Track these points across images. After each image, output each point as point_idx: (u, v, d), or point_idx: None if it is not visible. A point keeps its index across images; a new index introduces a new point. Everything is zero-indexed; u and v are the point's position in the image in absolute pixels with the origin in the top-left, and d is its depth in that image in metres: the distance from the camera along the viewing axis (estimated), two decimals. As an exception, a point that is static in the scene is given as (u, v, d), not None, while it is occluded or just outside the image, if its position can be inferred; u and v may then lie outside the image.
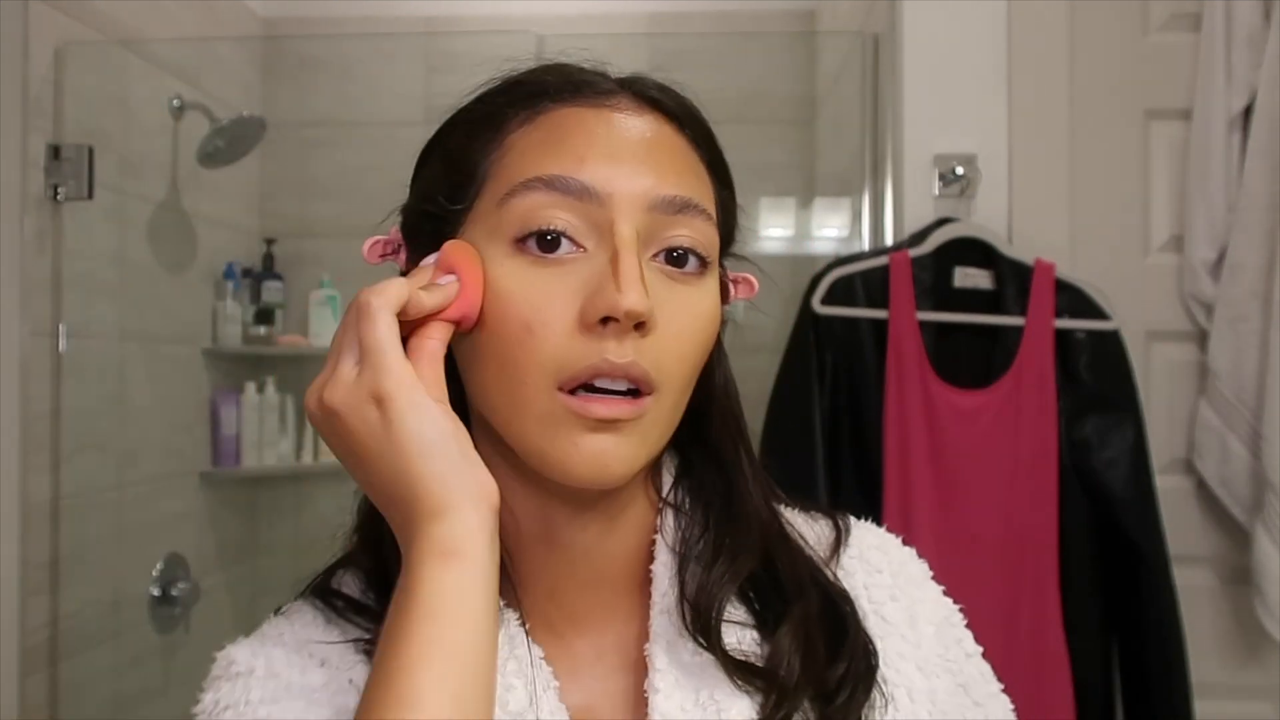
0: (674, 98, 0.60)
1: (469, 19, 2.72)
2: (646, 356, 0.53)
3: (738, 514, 0.62)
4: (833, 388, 1.49)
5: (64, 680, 1.85)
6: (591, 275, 0.53)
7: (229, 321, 2.46)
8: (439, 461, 0.50)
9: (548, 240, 0.54)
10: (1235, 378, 1.54)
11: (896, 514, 1.44)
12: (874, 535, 0.68)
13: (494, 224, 0.55)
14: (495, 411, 0.56)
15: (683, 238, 0.56)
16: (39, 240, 1.78)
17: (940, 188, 1.58)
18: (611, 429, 0.53)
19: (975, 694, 0.63)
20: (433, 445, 0.50)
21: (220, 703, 0.57)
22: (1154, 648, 1.46)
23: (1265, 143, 1.52)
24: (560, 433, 0.53)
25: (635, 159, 0.56)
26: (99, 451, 2.00)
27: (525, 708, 0.56)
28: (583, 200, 0.54)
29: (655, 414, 0.55)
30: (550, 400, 0.53)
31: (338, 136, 2.69)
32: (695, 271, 0.57)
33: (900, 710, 0.59)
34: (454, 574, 0.49)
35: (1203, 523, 1.61)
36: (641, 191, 0.55)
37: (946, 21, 1.60)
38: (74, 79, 1.85)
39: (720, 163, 0.62)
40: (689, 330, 0.56)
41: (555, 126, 0.57)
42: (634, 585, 0.62)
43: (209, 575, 2.35)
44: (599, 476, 0.54)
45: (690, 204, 0.56)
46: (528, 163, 0.56)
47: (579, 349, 0.53)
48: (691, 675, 0.58)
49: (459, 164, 0.59)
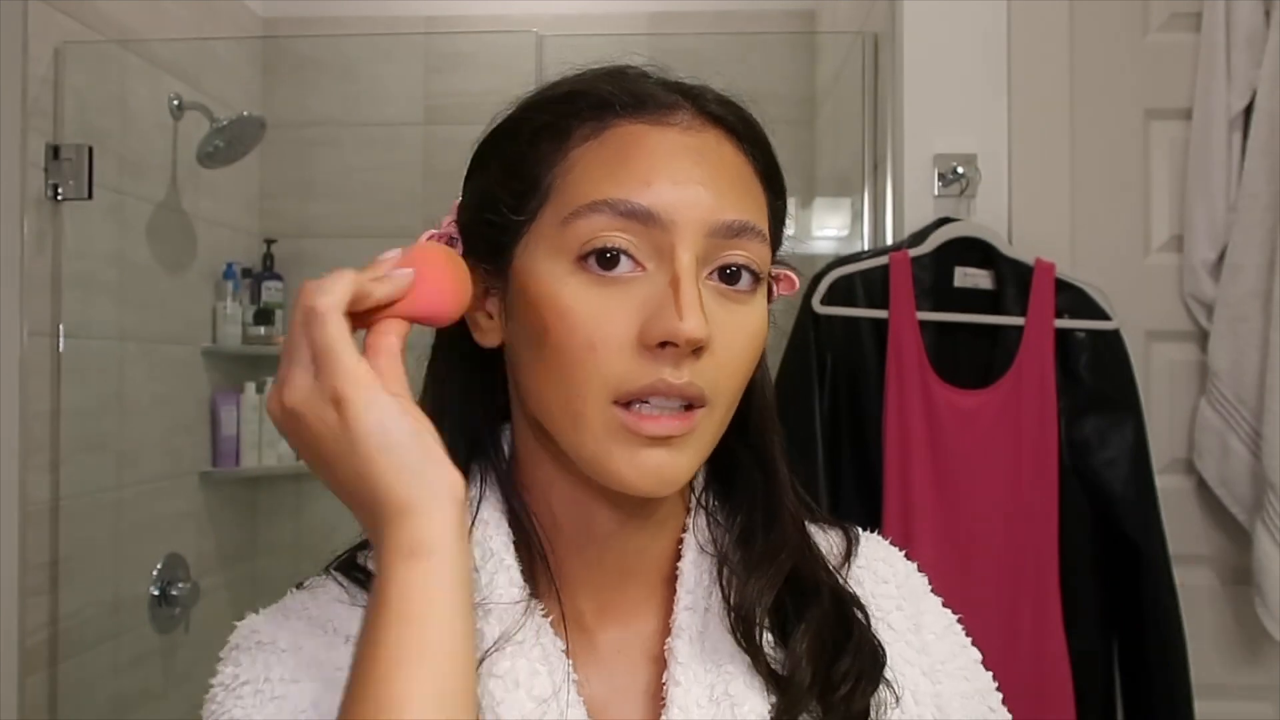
0: (734, 111, 0.61)
1: (469, 19, 2.71)
2: (703, 377, 0.55)
3: (776, 516, 0.64)
4: (833, 388, 1.49)
5: (64, 680, 1.85)
6: (651, 295, 0.55)
7: (229, 321, 2.46)
8: (400, 457, 0.50)
9: (607, 258, 0.55)
10: (1235, 378, 1.54)
11: (896, 514, 1.44)
12: (881, 548, 0.70)
13: (558, 243, 0.57)
14: (552, 420, 0.58)
15: (738, 256, 0.58)
16: (39, 240, 1.78)
17: (940, 187, 1.58)
18: (666, 444, 0.55)
19: (989, 702, 0.66)
20: (393, 443, 0.50)
21: (240, 677, 0.57)
22: (1154, 647, 1.46)
23: (1265, 142, 1.52)
24: (616, 448, 0.55)
25: (697, 182, 0.57)
26: (99, 451, 2.00)
27: (549, 695, 0.57)
28: (647, 225, 0.55)
29: (706, 425, 0.57)
30: (606, 413, 0.55)
31: (338, 136, 2.69)
32: (748, 289, 0.58)
33: (905, 711, 0.61)
34: (422, 574, 0.49)
35: (1203, 523, 1.61)
36: (701, 217, 0.56)
37: (946, 21, 1.60)
38: (73, 79, 1.86)
39: (774, 172, 0.63)
40: (741, 348, 0.58)
41: (619, 145, 0.58)
42: (660, 581, 0.64)
43: (209, 575, 2.35)
44: (657, 489, 0.56)
45: (748, 228, 0.58)
46: (592, 183, 0.57)
47: (638, 368, 0.55)
48: (710, 671, 0.59)
49: (521, 173, 0.59)
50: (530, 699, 0.57)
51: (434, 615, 0.49)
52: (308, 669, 0.57)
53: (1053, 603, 1.45)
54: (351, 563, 0.63)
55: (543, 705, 0.57)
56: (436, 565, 0.49)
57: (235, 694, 0.57)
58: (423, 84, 2.70)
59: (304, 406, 0.51)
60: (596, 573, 0.62)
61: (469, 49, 2.66)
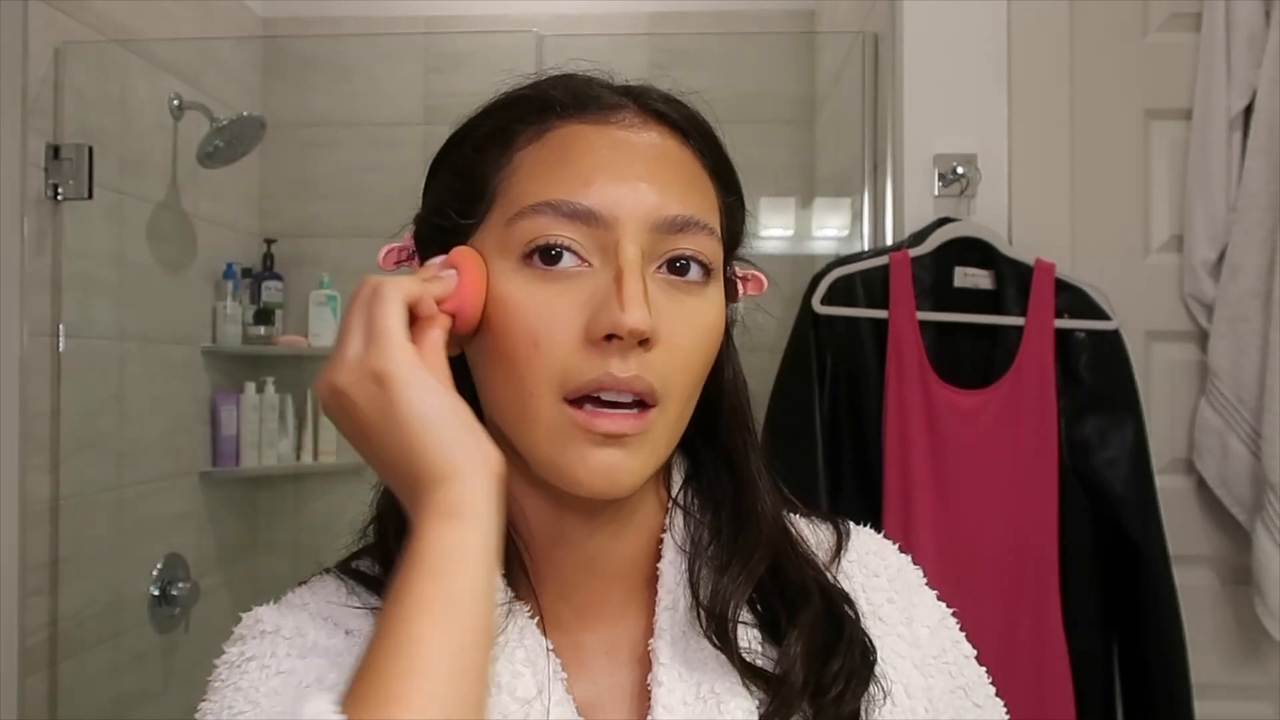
0: (679, 109, 0.61)
1: (469, 19, 2.71)
2: (651, 371, 0.55)
3: (747, 515, 0.63)
4: (833, 388, 1.49)
5: (63, 680, 1.85)
6: (596, 290, 0.55)
7: (229, 321, 2.46)
8: (441, 432, 0.52)
9: (552, 255, 0.56)
10: (1235, 378, 1.54)
11: (896, 514, 1.44)
12: (872, 541, 0.70)
13: (504, 243, 0.57)
14: (505, 421, 0.58)
15: (686, 249, 0.58)
16: (39, 240, 1.79)
17: (940, 188, 1.58)
18: (618, 444, 0.55)
19: (976, 696, 0.65)
20: (435, 418, 0.52)
21: (245, 654, 0.58)
22: (1154, 647, 1.46)
23: (1265, 143, 1.52)
24: (569, 447, 0.55)
25: (638, 178, 0.57)
26: (99, 451, 2.00)
27: (534, 696, 0.57)
28: (589, 224, 0.56)
29: (661, 425, 0.57)
30: (557, 412, 0.55)
31: (338, 136, 2.69)
32: (698, 280, 0.58)
33: (898, 706, 0.61)
34: (456, 532, 0.50)
35: (1203, 523, 1.61)
36: (645, 213, 0.56)
37: (946, 21, 1.60)
38: (73, 79, 1.86)
39: (726, 170, 0.63)
40: (692, 342, 0.57)
41: (560, 146, 0.58)
42: (642, 582, 0.64)
43: (209, 575, 2.35)
44: (608, 489, 0.56)
45: (693, 222, 0.58)
46: (535, 185, 0.57)
47: (584, 362, 0.55)
48: (694, 670, 0.59)
49: (469, 179, 0.60)
50: (513, 700, 0.57)
51: (461, 571, 0.50)
52: (312, 650, 0.58)
53: (1053, 603, 1.45)
54: (347, 565, 0.64)
55: (526, 706, 0.57)
56: (470, 524, 0.51)
57: (240, 669, 0.58)
58: (422, 84, 2.70)
59: (349, 382, 0.53)
60: (574, 575, 0.62)
61: (469, 49, 2.66)
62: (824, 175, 2.37)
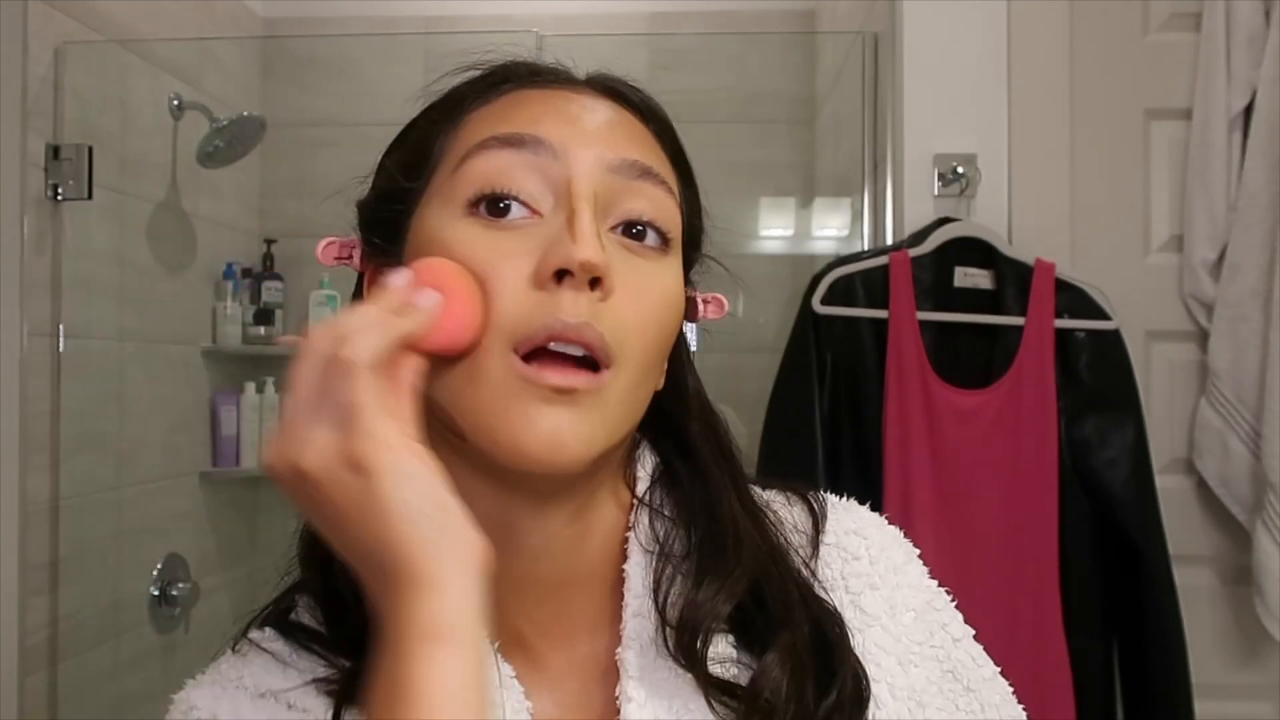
0: (638, 94, 0.60)
1: (469, 19, 2.71)
2: (603, 321, 0.51)
3: (721, 529, 0.59)
4: (833, 387, 1.49)
5: (63, 680, 1.85)
6: (546, 237, 0.52)
7: (229, 321, 2.45)
8: (425, 527, 0.46)
9: (500, 207, 0.53)
10: (1235, 378, 1.54)
11: (897, 514, 1.43)
12: (851, 518, 0.65)
13: (449, 192, 0.54)
14: (451, 389, 0.52)
15: (642, 208, 0.55)
16: (39, 240, 1.78)
17: (940, 187, 1.58)
18: (568, 401, 0.50)
19: (966, 679, 0.61)
20: (418, 511, 0.46)
21: None
22: (1154, 647, 1.46)
23: (1265, 142, 1.52)
24: (514, 405, 0.50)
25: (594, 126, 0.55)
26: (98, 451, 2.00)
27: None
28: (539, 154, 0.53)
29: (615, 390, 0.52)
30: (505, 366, 0.51)
31: (338, 136, 2.69)
32: (656, 246, 0.55)
33: (882, 708, 0.57)
34: (445, 660, 0.45)
35: (1203, 523, 1.61)
36: (599, 152, 0.54)
37: (946, 21, 1.60)
38: (73, 79, 1.85)
39: (683, 161, 0.61)
40: (648, 302, 0.54)
41: (512, 102, 0.56)
42: (605, 589, 0.59)
43: (209, 575, 2.35)
44: (554, 456, 0.50)
45: (650, 171, 0.55)
46: (484, 129, 0.55)
47: (533, 306, 0.51)
48: (666, 682, 0.56)
49: (416, 147, 0.58)
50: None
51: (454, 705, 0.45)
52: None
53: (1053, 603, 1.45)
54: (282, 620, 0.60)
55: None
56: (460, 651, 0.45)
57: None
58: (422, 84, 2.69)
59: (323, 470, 0.46)
60: (532, 589, 0.57)
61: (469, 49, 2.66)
62: (824, 175, 2.37)
